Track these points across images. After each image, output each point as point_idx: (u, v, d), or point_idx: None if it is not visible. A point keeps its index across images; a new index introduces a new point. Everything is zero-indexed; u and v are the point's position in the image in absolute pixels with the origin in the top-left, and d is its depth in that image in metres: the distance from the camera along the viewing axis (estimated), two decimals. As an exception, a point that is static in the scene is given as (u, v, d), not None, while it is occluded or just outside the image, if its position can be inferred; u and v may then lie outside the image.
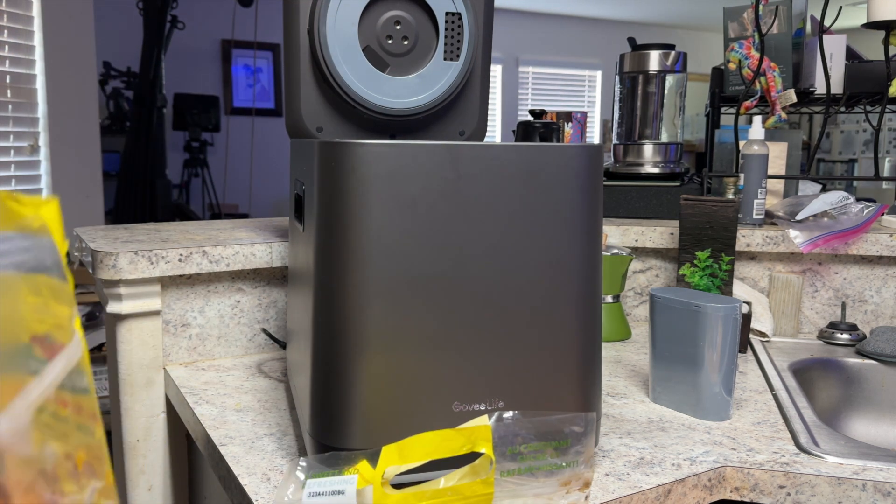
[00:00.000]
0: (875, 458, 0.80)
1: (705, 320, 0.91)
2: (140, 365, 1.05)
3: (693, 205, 1.25)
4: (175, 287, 1.07)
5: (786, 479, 0.78)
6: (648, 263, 1.40)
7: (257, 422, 0.89)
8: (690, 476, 0.76)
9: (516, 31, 6.69)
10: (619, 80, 1.56)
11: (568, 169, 0.70)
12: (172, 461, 1.10)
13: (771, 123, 1.54)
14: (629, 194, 1.50)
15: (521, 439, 0.57)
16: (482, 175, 0.67)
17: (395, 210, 0.65)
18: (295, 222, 0.86)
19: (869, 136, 5.82)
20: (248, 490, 0.72)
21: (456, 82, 0.90)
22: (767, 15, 1.59)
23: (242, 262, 1.09)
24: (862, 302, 1.33)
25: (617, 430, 0.88)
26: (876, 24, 1.35)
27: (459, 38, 0.90)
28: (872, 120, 1.51)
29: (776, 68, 1.54)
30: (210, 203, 4.99)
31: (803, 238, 1.29)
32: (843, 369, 1.19)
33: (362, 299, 0.66)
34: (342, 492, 0.56)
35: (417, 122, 0.92)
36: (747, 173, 1.35)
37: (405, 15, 0.88)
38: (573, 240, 0.71)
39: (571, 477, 0.58)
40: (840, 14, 1.50)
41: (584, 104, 7.24)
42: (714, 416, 0.92)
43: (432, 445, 0.56)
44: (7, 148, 2.45)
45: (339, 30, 0.85)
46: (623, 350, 1.22)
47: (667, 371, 0.95)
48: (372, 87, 0.88)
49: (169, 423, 1.08)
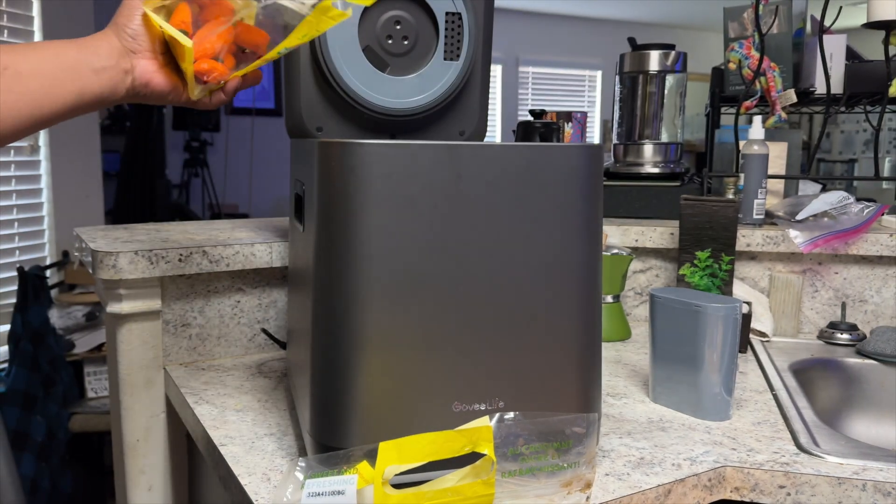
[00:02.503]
0: (875, 458, 0.80)
1: (705, 320, 0.91)
2: (140, 365, 1.05)
3: (693, 205, 1.25)
4: (175, 287, 1.07)
5: (786, 479, 0.78)
6: (648, 263, 1.40)
7: (257, 422, 0.89)
8: (690, 476, 0.76)
9: (516, 31, 6.69)
10: (619, 80, 1.56)
11: (568, 169, 0.70)
12: (172, 461, 1.10)
13: (771, 123, 1.54)
14: (629, 194, 1.50)
15: (522, 440, 0.57)
16: (482, 175, 0.67)
17: (395, 210, 0.65)
18: (295, 222, 0.86)
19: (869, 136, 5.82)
20: (248, 490, 0.72)
21: (456, 82, 0.90)
22: (767, 15, 1.59)
23: (242, 262, 1.09)
24: (862, 302, 1.33)
25: (617, 430, 0.88)
26: (876, 24, 1.35)
27: (459, 37, 0.90)
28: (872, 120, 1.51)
29: (776, 68, 1.54)
30: (210, 203, 4.99)
31: (803, 238, 1.29)
32: (844, 369, 1.19)
33: (362, 299, 0.66)
34: (342, 492, 0.56)
35: (417, 122, 0.92)
36: (747, 173, 1.35)
37: (405, 15, 0.88)
38: (573, 240, 0.71)
39: (573, 478, 0.58)
40: (840, 14, 1.50)
41: (585, 104, 7.24)
42: (714, 416, 0.92)
43: (433, 446, 0.56)
44: (7, 148, 2.45)
45: (339, 30, 0.85)
46: (623, 350, 1.22)
47: (667, 371, 0.95)
48: (372, 87, 0.88)
49: (169, 423, 1.08)
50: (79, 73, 0.64)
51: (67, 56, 0.63)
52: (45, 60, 0.62)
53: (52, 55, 0.63)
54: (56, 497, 2.09)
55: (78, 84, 0.64)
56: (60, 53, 0.63)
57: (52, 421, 2.14)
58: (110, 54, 0.66)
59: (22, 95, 0.61)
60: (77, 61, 0.64)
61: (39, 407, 2.09)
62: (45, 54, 0.62)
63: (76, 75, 0.63)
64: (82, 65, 0.64)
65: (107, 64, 0.65)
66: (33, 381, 2.10)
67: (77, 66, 0.64)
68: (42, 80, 0.62)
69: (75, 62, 0.64)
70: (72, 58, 0.63)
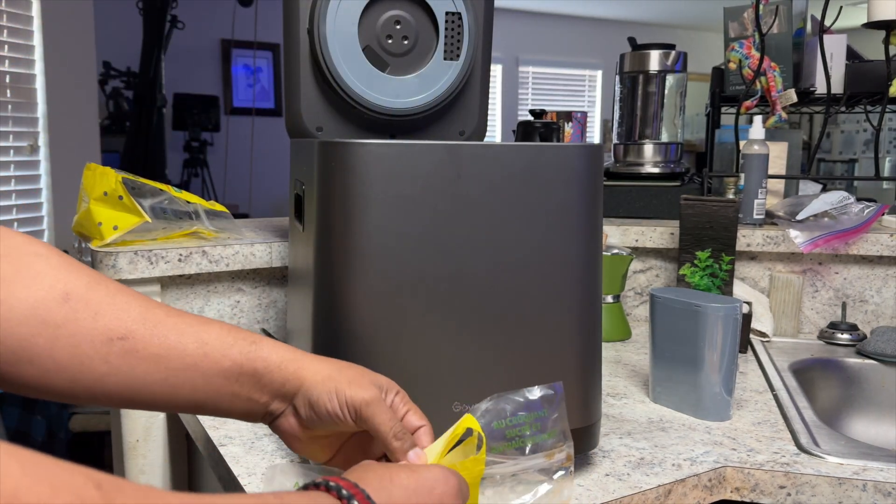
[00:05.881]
0: (875, 458, 0.80)
1: (706, 320, 0.90)
2: (140, 365, 1.05)
3: (693, 205, 1.25)
4: (175, 287, 1.07)
5: (786, 479, 0.78)
6: (649, 263, 1.40)
7: (257, 422, 0.89)
8: (691, 476, 0.76)
9: (516, 31, 6.68)
10: (619, 80, 1.56)
11: (568, 169, 0.70)
12: (172, 461, 1.10)
13: (771, 123, 1.54)
14: (629, 194, 1.50)
15: (505, 417, 0.57)
16: (482, 175, 0.67)
17: (395, 210, 0.65)
18: (295, 222, 0.86)
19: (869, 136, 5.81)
20: (248, 490, 0.72)
21: (456, 82, 0.90)
22: (768, 15, 1.59)
23: (242, 262, 1.09)
24: (862, 302, 1.33)
25: (617, 430, 0.88)
26: (876, 24, 1.35)
27: (459, 37, 0.89)
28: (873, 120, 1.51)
29: (776, 68, 1.54)
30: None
31: (804, 238, 1.29)
32: (844, 369, 1.18)
33: (362, 299, 0.66)
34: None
35: (417, 121, 0.92)
36: (747, 173, 1.35)
37: (405, 15, 0.88)
38: (573, 240, 0.71)
39: (554, 447, 0.58)
40: (840, 14, 1.50)
41: (585, 104, 7.24)
42: (714, 416, 0.91)
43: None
44: (7, 148, 2.44)
45: (339, 29, 0.85)
46: (623, 350, 1.22)
47: (667, 371, 0.95)
48: (372, 87, 0.88)
49: (168, 423, 1.08)
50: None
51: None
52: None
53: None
54: (56, 497, 2.09)
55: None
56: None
57: (52, 421, 2.14)
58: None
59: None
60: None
61: (39, 406, 2.09)
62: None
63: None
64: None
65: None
66: (33, 382, 2.09)
67: None
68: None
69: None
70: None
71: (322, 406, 0.53)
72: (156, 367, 0.52)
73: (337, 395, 0.53)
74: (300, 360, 0.55)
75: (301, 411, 0.54)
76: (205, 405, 0.54)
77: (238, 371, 0.54)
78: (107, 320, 0.51)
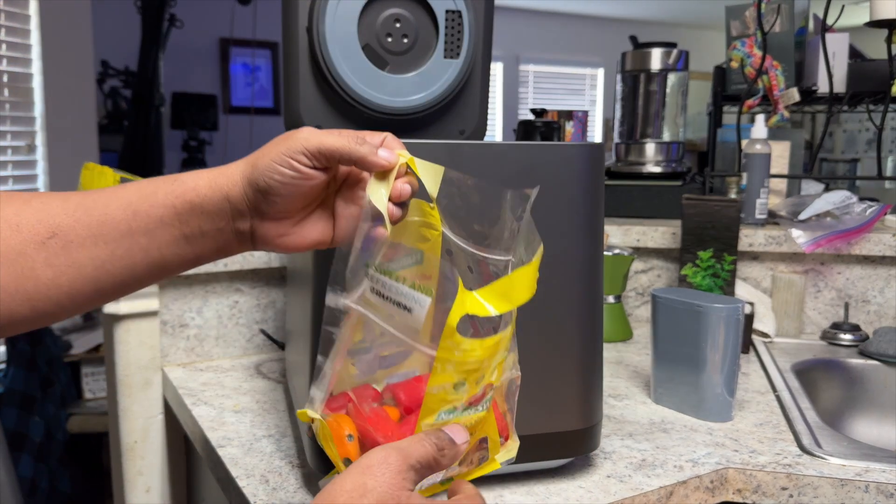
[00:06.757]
0: (878, 459, 0.80)
1: (707, 321, 0.90)
2: (138, 366, 1.04)
3: (695, 204, 1.25)
4: (173, 287, 1.06)
5: (788, 480, 0.77)
6: (650, 263, 1.40)
7: (256, 423, 0.88)
8: (693, 478, 0.76)
9: (517, 30, 6.68)
10: (620, 79, 1.55)
11: (569, 168, 0.69)
12: (170, 463, 1.09)
13: (773, 122, 1.53)
14: (631, 194, 1.49)
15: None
16: (482, 174, 0.67)
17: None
18: (293, 222, 0.85)
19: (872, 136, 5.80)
20: (247, 492, 0.71)
21: (456, 81, 0.90)
22: (770, 13, 1.58)
23: (241, 263, 1.08)
24: (865, 302, 1.33)
25: (618, 431, 0.88)
26: (879, 23, 1.34)
27: (459, 36, 0.89)
28: (875, 119, 1.51)
29: (779, 67, 1.53)
30: (209, 202, 4.98)
31: (806, 238, 1.28)
32: (846, 370, 1.18)
33: (361, 300, 0.65)
34: (409, 308, 0.51)
35: (417, 120, 0.91)
36: (750, 173, 1.34)
37: (405, 13, 0.87)
38: (574, 240, 0.70)
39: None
40: (843, 12, 1.49)
41: (586, 103, 7.23)
42: (716, 417, 0.91)
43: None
44: (4, 147, 2.44)
45: (338, 28, 0.84)
46: (624, 351, 1.22)
47: (669, 372, 0.95)
48: (371, 86, 0.87)
49: (167, 424, 1.08)
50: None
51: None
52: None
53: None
54: (54, 498, 2.08)
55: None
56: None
57: (50, 422, 2.13)
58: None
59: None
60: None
61: (37, 407, 2.09)
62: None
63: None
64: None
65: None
66: (31, 382, 2.09)
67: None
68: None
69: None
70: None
71: (274, 179, 0.51)
72: (97, 249, 0.50)
73: (279, 159, 0.51)
74: (226, 170, 0.53)
75: (262, 207, 0.52)
76: (169, 261, 0.52)
77: (174, 213, 0.51)
78: (30, 226, 0.49)
